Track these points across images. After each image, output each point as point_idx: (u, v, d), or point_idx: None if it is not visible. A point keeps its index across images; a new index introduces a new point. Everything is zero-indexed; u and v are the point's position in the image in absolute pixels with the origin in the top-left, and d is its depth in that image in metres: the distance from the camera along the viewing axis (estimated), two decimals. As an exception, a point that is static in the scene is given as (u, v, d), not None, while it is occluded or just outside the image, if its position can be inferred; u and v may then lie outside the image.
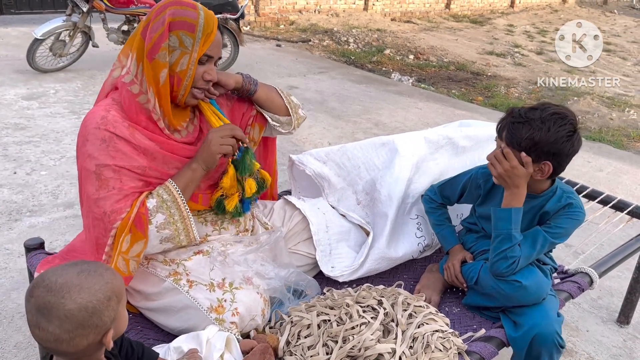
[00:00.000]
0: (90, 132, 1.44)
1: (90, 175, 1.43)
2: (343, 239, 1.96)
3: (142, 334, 1.54)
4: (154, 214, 1.44)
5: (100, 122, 1.44)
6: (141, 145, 1.46)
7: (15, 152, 3.64)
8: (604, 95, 6.88)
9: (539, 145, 1.53)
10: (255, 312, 1.51)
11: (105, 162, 1.42)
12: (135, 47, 1.48)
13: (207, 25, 1.47)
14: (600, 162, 4.50)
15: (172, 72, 1.47)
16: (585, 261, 2.16)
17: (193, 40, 1.45)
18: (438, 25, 11.17)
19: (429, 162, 2.04)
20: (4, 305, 2.21)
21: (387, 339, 1.43)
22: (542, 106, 1.57)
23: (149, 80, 1.46)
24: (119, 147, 1.43)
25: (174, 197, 1.46)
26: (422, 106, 5.63)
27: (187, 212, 1.48)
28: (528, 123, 1.54)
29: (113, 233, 1.43)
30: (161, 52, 1.44)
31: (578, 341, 2.33)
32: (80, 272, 0.97)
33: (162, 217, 1.45)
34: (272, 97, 1.80)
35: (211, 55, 1.51)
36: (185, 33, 1.44)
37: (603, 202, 2.43)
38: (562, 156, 1.56)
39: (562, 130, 1.53)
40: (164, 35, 1.43)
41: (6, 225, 2.78)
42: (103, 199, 1.42)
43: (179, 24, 1.44)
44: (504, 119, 1.62)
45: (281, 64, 6.88)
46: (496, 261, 1.61)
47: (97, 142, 1.42)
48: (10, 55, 5.91)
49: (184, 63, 1.46)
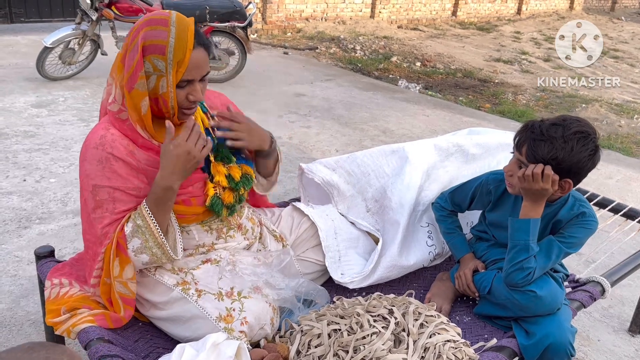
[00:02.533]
0: (89, 152, 1.44)
1: (87, 194, 1.44)
2: (352, 246, 1.95)
3: (152, 343, 1.54)
4: (130, 239, 1.43)
5: (98, 142, 1.43)
6: (140, 165, 1.45)
7: (25, 159, 3.66)
8: (612, 103, 6.85)
9: (561, 164, 1.52)
10: (264, 321, 1.50)
11: (100, 183, 1.42)
12: (118, 75, 1.44)
13: (178, 46, 1.37)
14: (610, 169, 4.47)
15: (154, 95, 1.42)
16: (597, 270, 2.14)
17: (165, 62, 1.38)
18: (445, 32, 11.17)
19: (439, 170, 2.03)
20: (14, 312, 2.21)
21: (399, 349, 1.42)
22: (564, 122, 1.54)
23: (131, 108, 1.43)
24: (115, 168, 1.42)
25: (147, 223, 1.42)
26: (430, 113, 5.63)
27: (161, 238, 1.43)
28: (550, 141, 1.52)
29: (101, 257, 1.45)
30: (139, 82, 1.39)
31: (589, 350, 2.30)
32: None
33: (138, 242, 1.43)
34: (271, 164, 1.76)
35: (190, 79, 1.43)
36: (156, 57, 1.38)
37: (614, 210, 2.41)
38: (582, 173, 1.55)
39: (585, 151, 1.51)
40: (140, 63, 1.38)
41: (15, 233, 2.79)
42: (97, 219, 1.44)
43: (151, 48, 1.38)
44: (523, 132, 1.59)
45: (288, 71, 6.90)
46: (512, 272, 1.60)
47: (94, 162, 1.42)
48: (20, 64, 5.96)
49: (163, 86, 1.41)
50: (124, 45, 1.44)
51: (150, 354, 1.49)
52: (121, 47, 1.47)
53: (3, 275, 2.45)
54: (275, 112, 5.15)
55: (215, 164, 1.57)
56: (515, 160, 1.61)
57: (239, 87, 5.84)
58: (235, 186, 1.59)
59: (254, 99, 5.52)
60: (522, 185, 1.57)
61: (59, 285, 1.59)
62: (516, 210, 1.66)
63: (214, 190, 1.55)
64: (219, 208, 1.56)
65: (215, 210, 1.56)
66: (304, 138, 4.55)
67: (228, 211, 1.60)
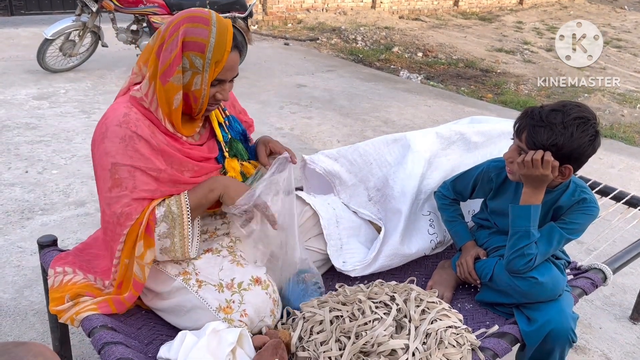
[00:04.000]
0: (110, 129, 1.41)
1: (104, 173, 1.41)
2: (354, 235, 1.95)
3: (155, 330, 1.54)
4: (159, 222, 1.43)
5: (122, 120, 1.41)
6: (160, 147, 1.45)
7: (27, 151, 3.66)
8: (615, 92, 6.82)
9: (561, 150, 1.51)
10: (264, 313, 1.51)
11: (122, 161, 1.40)
12: (150, 65, 1.44)
13: (218, 46, 1.41)
14: (612, 158, 4.46)
15: (187, 91, 1.44)
16: (598, 258, 2.14)
17: (203, 61, 1.41)
18: (446, 22, 11.12)
19: (441, 158, 2.03)
20: (17, 302, 2.23)
21: (400, 335, 1.42)
22: (564, 108, 1.53)
23: (161, 101, 1.43)
24: (138, 147, 1.40)
25: (181, 213, 1.44)
26: (431, 103, 5.61)
27: (188, 230, 1.46)
28: (549, 127, 1.51)
29: (123, 239, 1.43)
30: (176, 76, 1.40)
31: (591, 338, 2.31)
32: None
33: (165, 227, 1.43)
34: None
35: (223, 79, 1.48)
36: (195, 54, 1.40)
37: (616, 198, 2.41)
38: (583, 159, 1.55)
39: (585, 136, 1.51)
40: (178, 57, 1.39)
41: (18, 224, 2.80)
42: (115, 198, 1.41)
43: (191, 44, 1.40)
44: (522, 118, 1.58)
45: (289, 62, 6.88)
46: (513, 259, 1.60)
47: (116, 140, 1.40)
48: (21, 56, 5.95)
49: (197, 83, 1.44)
50: (160, 37, 1.43)
51: (153, 341, 1.50)
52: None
53: (7, 265, 2.46)
54: (276, 104, 5.14)
55: (230, 159, 1.59)
56: (515, 146, 1.61)
57: (239, 78, 5.77)
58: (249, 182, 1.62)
59: (255, 90, 5.51)
60: (522, 172, 1.57)
61: (62, 274, 1.59)
62: (517, 197, 1.66)
63: None
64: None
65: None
66: (306, 129, 4.55)
67: None
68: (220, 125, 1.64)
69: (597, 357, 2.21)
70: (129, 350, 1.35)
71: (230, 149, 1.63)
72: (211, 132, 1.63)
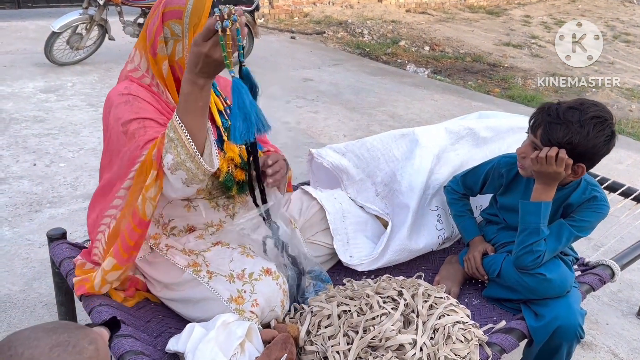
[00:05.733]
0: (114, 100, 1.48)
1: (119, 137, 1.45)
2: (360, 229, 1.96)
3: (164, 323, 1.55)
4: (164, 155, 1.33)
5: (123, 90, 1.48)
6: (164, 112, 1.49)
7: (35, 144, 3.68)
8: (623, 87, 6.77)
9: (576, 149, 1.51)
10: (275, 303, 1.52)
11: (129, 117, 1.44)
12: (142, 44, 1.50)
13: (195, 10, 1.42)
14: (620, 154, 4.43)
15: (172, 63, 1.48)
16: (606, 254, 2.13)
17: (182, 27, 1.44)
18: (454, 16, 11.05)
19: (449, 153, 2.03)
20: (26, 294, 2.24)
21: (408, 330, 1.43)
22: (581, 106, 1.52)
23: (157, 74, 1.49)
24: (142, 105, 1.46)
25: (178, 133, 1.30)
26: (438, 98, 5.59)
27: (192, 148, 1.31)
28: (566, 125, 1.50)
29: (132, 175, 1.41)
30: (159, 46, 1.46)
31: (598, 334, 2.30)
32: (55, 345, 0.79)
33: (171, 158, 1.32)
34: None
35: None
36: (174, 22, 1.44)
37: (624, 194, 2.40)
38: (596, 158, 1.54)
39: (601, 136, 1.50)
40: (159, 28, 1.45)
41: (27, 217, 2.82)
42: (133, 147, 1.41)
43: (169, 13, 1.44)
44: (539, 114, 1.58)
45: (296, 56, 6.86)
46: (522, 255, 1.60)
47: (121, 105, 1.46)
48: (28, 49, 5.96)
49: (179, 51, 1.46)
50: (148, 16, 1.51)
51: (162, 333, 1.51)
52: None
53: (15, 258, 2.48)
54: (282, 97, 5.13)
55: (228, 142, 1.58)
56: (529, 142, 1.60)
57: (246, 72, 5.80)
58: (246, 166, 1.60)
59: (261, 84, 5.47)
60: (535, 168, 1.56)
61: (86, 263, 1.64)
62: (528, 193, 1.66)
63: (227, 167, 1.56)
64: (231, 184, 1.58)
65: (228, 186, 1.57)
66: (312, 123, 4.54)
67: (238, 188, 1.61)
68: (220, 113, 1.63)
69: (604, 353, 2.21)
70: (138, 343, 1.36)
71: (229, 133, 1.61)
72: (210, 118, 1.62)
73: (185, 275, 1.53)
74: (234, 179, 1.58)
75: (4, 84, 4.81)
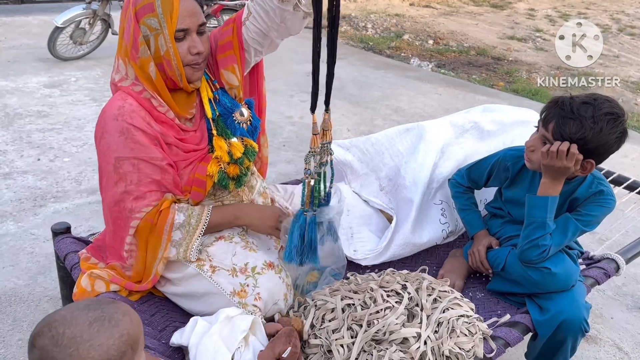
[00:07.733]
0: (108, 124, 1.43)
1: (109, 168, 1.43)
2: (364, 224, 1.95)
3: (168, 317, 1.56)
4: (175, 230, 1.48)
5: (117, 113, 1.42)
6: (157, 135, 1.45)
7: (39, 139, 3.68)
8: (629, 80, 6.73)
9: (588, 145, 1.49)
10: (278, 297, 1.52)
11: (124, 154, 1.41)
12: (122, 52, 1.46)
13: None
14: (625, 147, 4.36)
15: (158, 60, 1.43)
16: (611, 248, 2.12)
17: (157, 18, 1.39)
18: (457, 9, 11.00)
19: (454, 147, 2.02)
20: (31, 289, 2.25)
21: (412, 324, 1.43)
22: (595, 102, 1.50)
23: (143, 80, 1.45)
24: (137, 138, 1.42)
25: (197, 227, 1.50)
26: (442, 92, 5.57)
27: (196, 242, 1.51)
28: (579, 120, 1.48)
29: (132, 231, 1.46)
30: (141, 48, 1.41)
31: (602, 328, 2.30)
32: (93, 321, 0.84)
33: (179, 235, 1.49)
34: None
35: (185, 27, 1.41)
36: (148, 17, 1.39)
37: (629, 188, 2.39)
38: (606, 155, 1.53)
39: (613, 133, 1.48)
40: (136, 30, 1.40)
41: (31, 211, 2.83)
42: (122, 194, 1.43)
43: (141, 11, 1.39)
44: (551, 108, 1.56)
45: (299, 50, 6.82)
46: (527, 249, 1.59)
47: (115, 135, 1.42)
48: (32, 44, 5.96)
49: (162, 45, 1.42)
50: (120, 21, 1.46)
51: (166, 327, 1.52)
52: None
53: (20, 252, 2.48)
54: (286, 92, 5.12)
55: (217, 138, 1.56)
56: (539, 135, 1.58)
57: (249, 66, 5.80)
58: (238, 160, 1.58)
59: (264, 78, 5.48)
60: (545, 162, 1.54)
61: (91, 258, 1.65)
62: (533, 187, 1.65)
63: (218, 166, 1.54)
64: (226, 182, 1.55)
65: (223, 184, 1.55)
66: (316, 117, 4.52)
67: (235, 183, 1.59)
68: (210, 102, 1.60)
69: (608, 347, 2.20)
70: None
71: (217, 126, 1.59)
72: (202, 110, 1.60)
73: (188, 270, 1.53)
74: (228, 176, 1.56)
75: (7, 79, 4.82)
